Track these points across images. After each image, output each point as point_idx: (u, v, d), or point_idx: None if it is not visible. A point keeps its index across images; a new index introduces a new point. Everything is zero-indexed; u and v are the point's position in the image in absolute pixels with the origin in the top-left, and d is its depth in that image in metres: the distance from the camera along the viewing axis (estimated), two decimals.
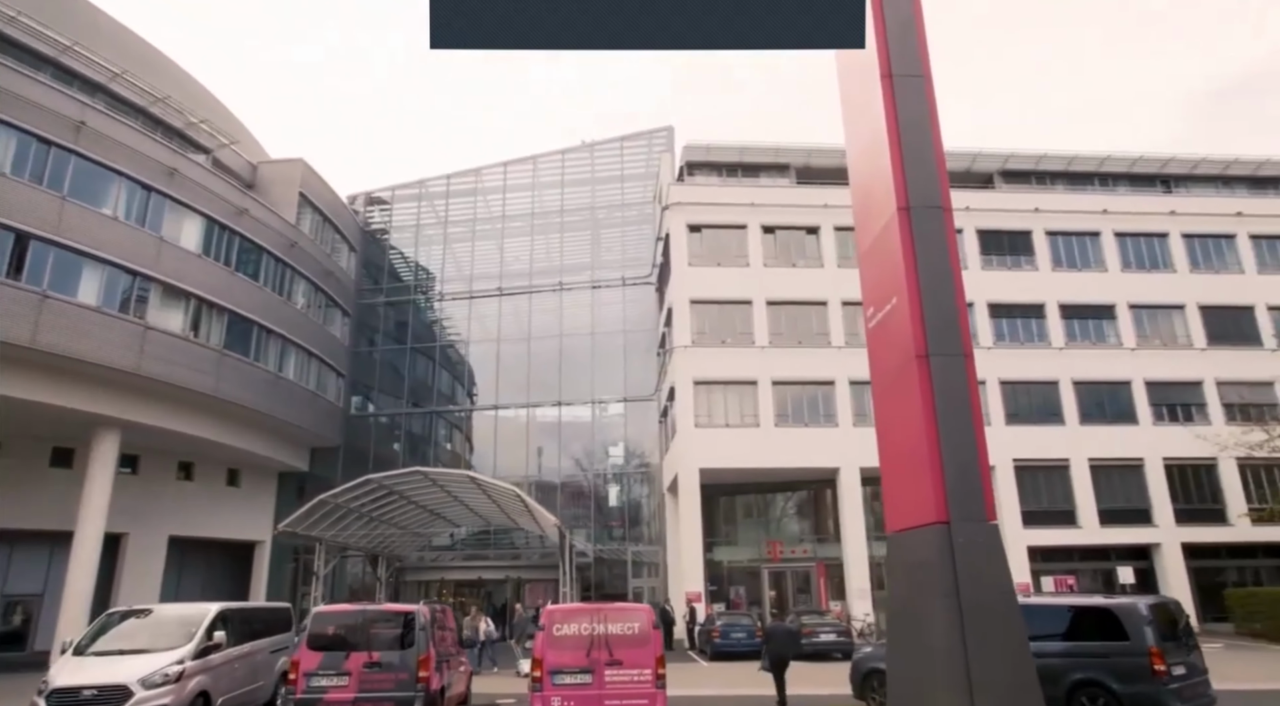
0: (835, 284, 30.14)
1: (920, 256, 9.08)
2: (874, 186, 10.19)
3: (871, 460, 27.88)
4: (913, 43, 10.01)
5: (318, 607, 11.07)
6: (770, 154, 34.09)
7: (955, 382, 8.64)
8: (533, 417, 37.77)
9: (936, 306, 8.93)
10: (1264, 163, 35.21)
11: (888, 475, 9.76)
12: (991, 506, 8.59)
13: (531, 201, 41.34)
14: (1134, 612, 9.89)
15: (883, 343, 9.88)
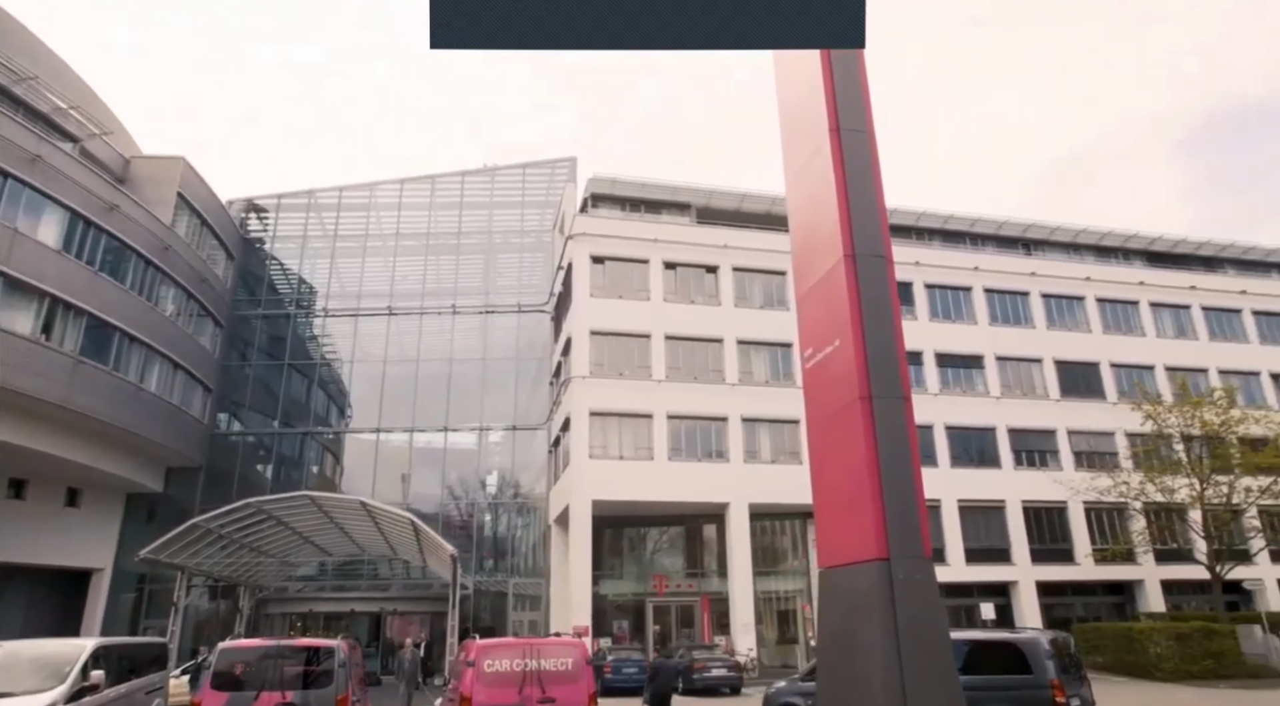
0: (731, 322, 30.98)
1: (864, 302, 9.44)
2: (818, 233, 10.55)
3: (759, 496, 28.75)
4: (858, 100, 10.52)
5: (224, 643, 10.09)
6: (672, 192, 34.83)
7: (896, 424, 8.99)
8: (416, 443, 36.48)
9: (879, 350, 9.28)
10: (1107, 234, 39.13)
11: (823, 512, 9.96)
12: (928, 544, 8.97)
13: (428, 221, 40.38)
14: (1037, 646, 10.54)
15: (821, 382, 10.15)
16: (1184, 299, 36.78)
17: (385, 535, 24.81)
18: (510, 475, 37.09)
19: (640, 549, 31.66)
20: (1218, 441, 27.25)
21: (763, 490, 28.77)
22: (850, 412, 9.21)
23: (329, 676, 9.60)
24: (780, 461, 29.64)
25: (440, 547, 19.53)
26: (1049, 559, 30.71)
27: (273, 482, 36.01)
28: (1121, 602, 32.07)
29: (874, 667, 8.15)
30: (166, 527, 31.22)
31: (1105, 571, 30.96)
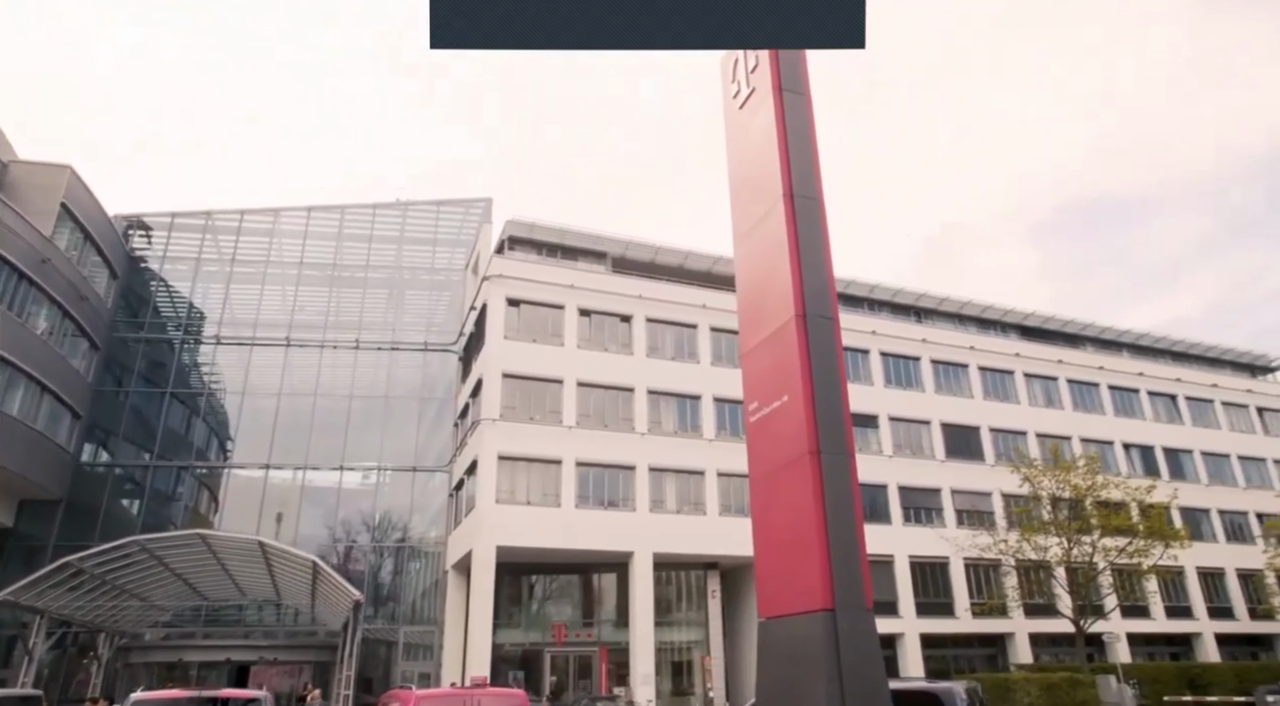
0: (643, 372, 31.40)
1: (814, 361, 9.93)
2: (767, 292, 11.03)
3: (663, 545, 29.00)
4: (809, 167, 11.20)
5: (137, 695, 9.24)
6: (591, 241, 35.29)
7: (841, 479, 9.43)
8: (308, 481, 34.82)
9: (827, 407, 9.75)
10: (988, 308, 42.19)
11: (765, 563, 10.23)
12: (869, 595, 9.39)
13: (335, 252, 39.28)
14: (954, 695, 11.10)
15: (767, 436, 10.53)
16: (1052, 371, 39.93)
17: (275, 578, 23.50)
18: (406, 518, 35.86)
19: (539, 597, 31.11)
20: (1080, 504, 29.53)
21: (667, 540, 28.99)
22: (799, 466, 9.59)
23: None
24: (685, 511, 30.00)
25: (341, 592, 18.66)
26: (932, 612, 32.14)
27: (142, 519, 33.47)
28: (994, 654, 33.81)
29: None
30: (14, 567, 28.53)
31: (981, 624, 32.65)
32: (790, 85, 11.68)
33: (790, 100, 11.53)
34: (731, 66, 13.13)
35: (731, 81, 13.08)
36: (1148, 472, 38.21)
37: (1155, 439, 40.51)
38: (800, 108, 11.60)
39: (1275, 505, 40.06)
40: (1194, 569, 36.59)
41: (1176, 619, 36.03)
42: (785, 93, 11.55)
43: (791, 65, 12.00)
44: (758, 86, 12.12)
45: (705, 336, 33.33)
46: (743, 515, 30.77)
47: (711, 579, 31.24)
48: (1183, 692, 28.86)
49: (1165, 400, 42.48)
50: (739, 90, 12.75)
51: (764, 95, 11.79)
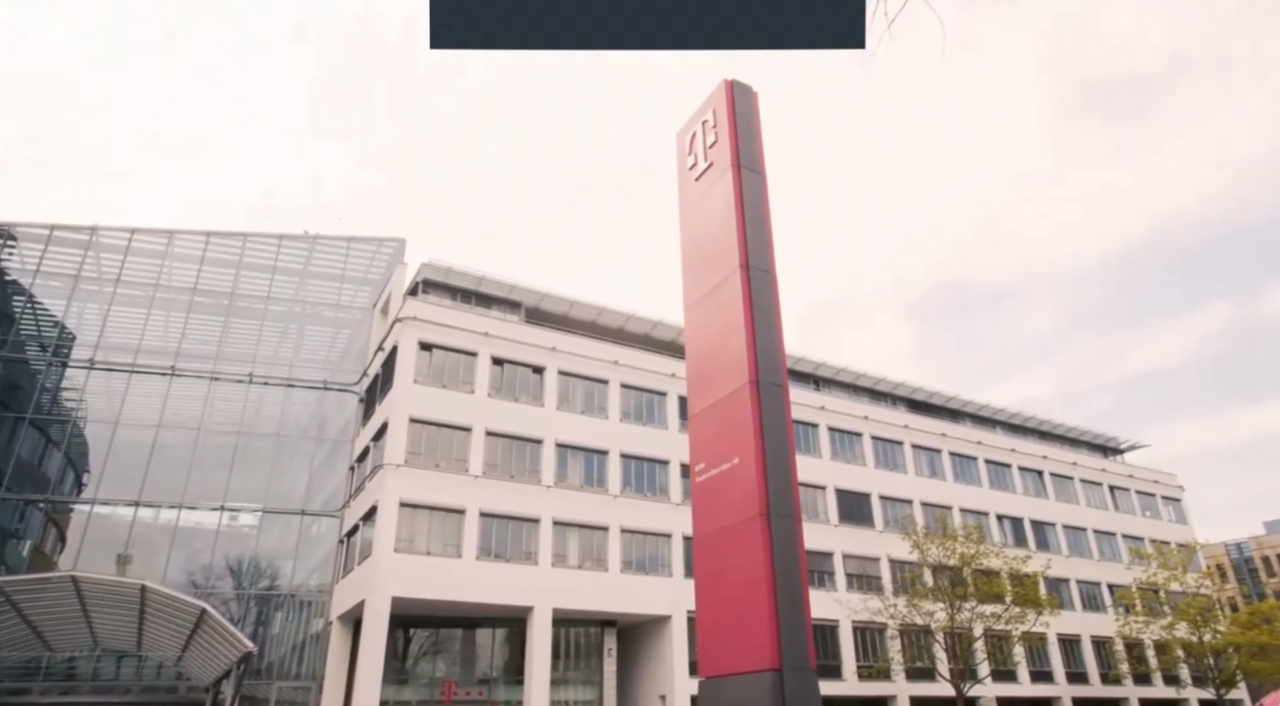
0: (552, 425, 31.31)
1: (765, 426, 10.39)
2: (720, 358, 11.50)
3: (564, 601, 28.70)
4: (764, 241, 11.86)
5: None
6: (506, 289, 35.25)
7: (789, 541, 9.84)
8: (185, 521, 32.50)
9: (777, 471, 10.20)
10: (880, 380, 44.50)
11: (708, 622, 10.44)
12: (813, 655, 9.73)
13: (233, 281, 37.55)
14: None
15: (714, 497, 10.86)
16: (937, 444, 42.34)
17: (144, 627, 21.69)
18: (289, 564, 33.90)
19: (428, 652, 29.89)
20: (960, 572, 31.19)
21: (568, 596, 28.63)
22: (749, 528, 9.93)
23: None
24: (587, 567, 29.77)
25: (227, 643, 17.47)
26: (821, 674, 32.73)
27: None
28: None
29: None
30: None
31: (866, 687, 33.56)
32: (748, 163, 12.39)
33: (748, 177, 12.22)
34: (688, 140, 13.79)
35: (688, 154, 13.69)
36: (1017, 543, 40.75)
37: (1024, 511, 43.39)
38: (756, 184, 12.31)
39: (1124, 577, 43.39)
40: (1055, 636, 38.98)
41: (1040, 683, 38.17)
42: (743, 170, 12.24)
43: (749, 143, 12.74)
44: (715, 161, 12.77)
45: (615, 392, 33.63)
46: (644, 573, 30.87)
47: (608, 637, 30.93)
48: None
49: (1033, 475, 45.68)
50: (695, 163, 13.37)
51: (722, 170, 12.44)
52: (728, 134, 12.40)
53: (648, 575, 30.76)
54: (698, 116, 13.37)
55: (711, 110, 12.95)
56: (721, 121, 12.58)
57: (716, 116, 12.76)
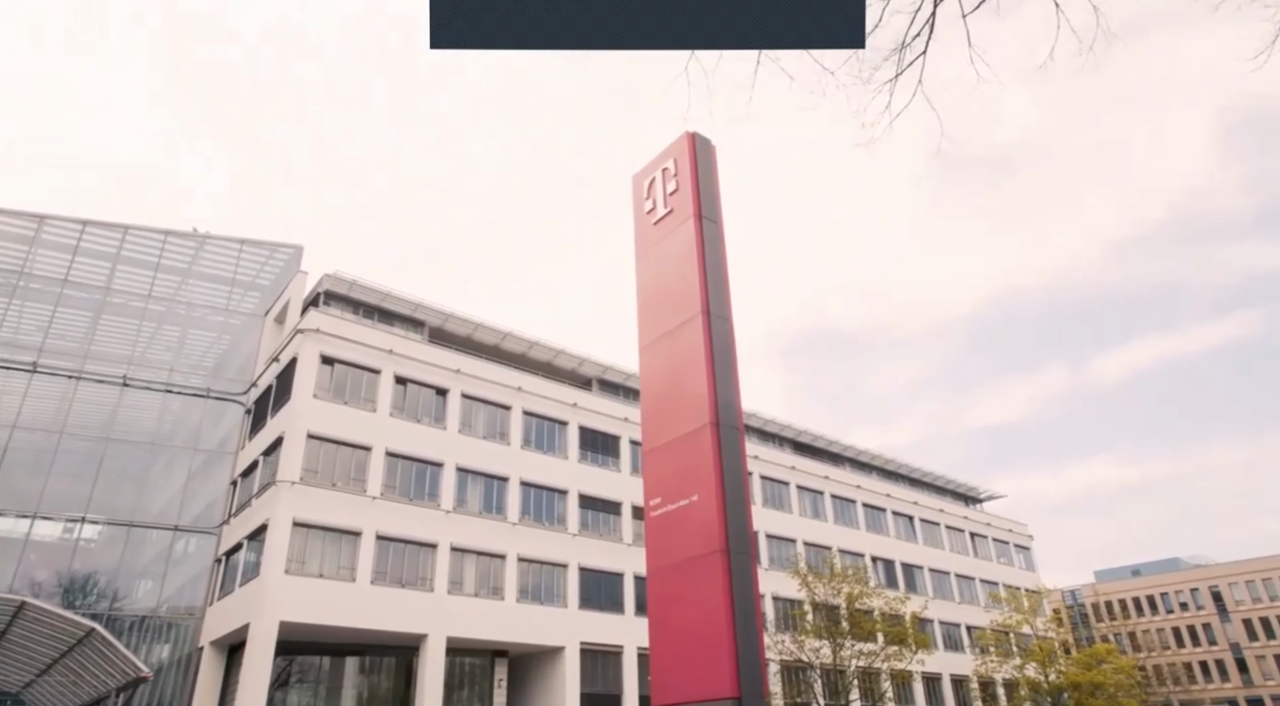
0: (454, 449, 30.81)
1: (725, 466, 10.94)
2: (678, 399, 11.99)
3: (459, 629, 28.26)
4: (723, 290, 12.50)
5: None
6: (410, 307, 34.59)
7: (745, 576, 10.37)
8: (35, 532, 29.75)
9: (735, 510, 10.74)
10: (770, 421, 46.20)
11: (663, 651, 10.79)
12: (767, 686, 10.24)
13: (109, 275, 35.04)
14: None
15: (670, 532, 11.27)
16: (819, 485, 44.29)
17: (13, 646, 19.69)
18: (151, 583, 31.51)
19: (312, 682, 28.43)
20: (841, 610, 32.67)
21: (462, 624, 28.05)
22: (708, 563, 10.40)
23: None
24: (483, 595, 29.30)
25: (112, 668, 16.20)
26: None
27: None
28: None
29: None
30: None
31: None
32: (708, 213, 13.07)
33: (708, 227, 12.87)
34: (646, 185, 14.34)
35: (646, 198, 14.24)
36: (889, 584, 43.00)
37: (896, 554, 45.90)
38: (715, 235, 12.98)
39: (981, 618, 46.53)
40: (920, 674, 41.25)
41: None
42: (705, 220, 12.89)
43: (709, 194, 13.44)
44: (676, 209, 13.36)
45: (518, 418, 33.47)
46: (540, 602, 30.67)
47: (499, 667, 30.41)
48: None
49: (905, 520, 48.46)
50: (654, 208, 13.92)
51: (682, 219, 13.03)
52: (690, 184, 13.01)
53: (544, 605, 30.56)
54: (657, 163, 13.94)
55: (672, 159, 13.56)
56: (683, 171, 13.20)
57: (678, 166, 13.37)
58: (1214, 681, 69.81)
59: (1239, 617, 71.36)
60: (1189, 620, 73.89)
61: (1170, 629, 74.63)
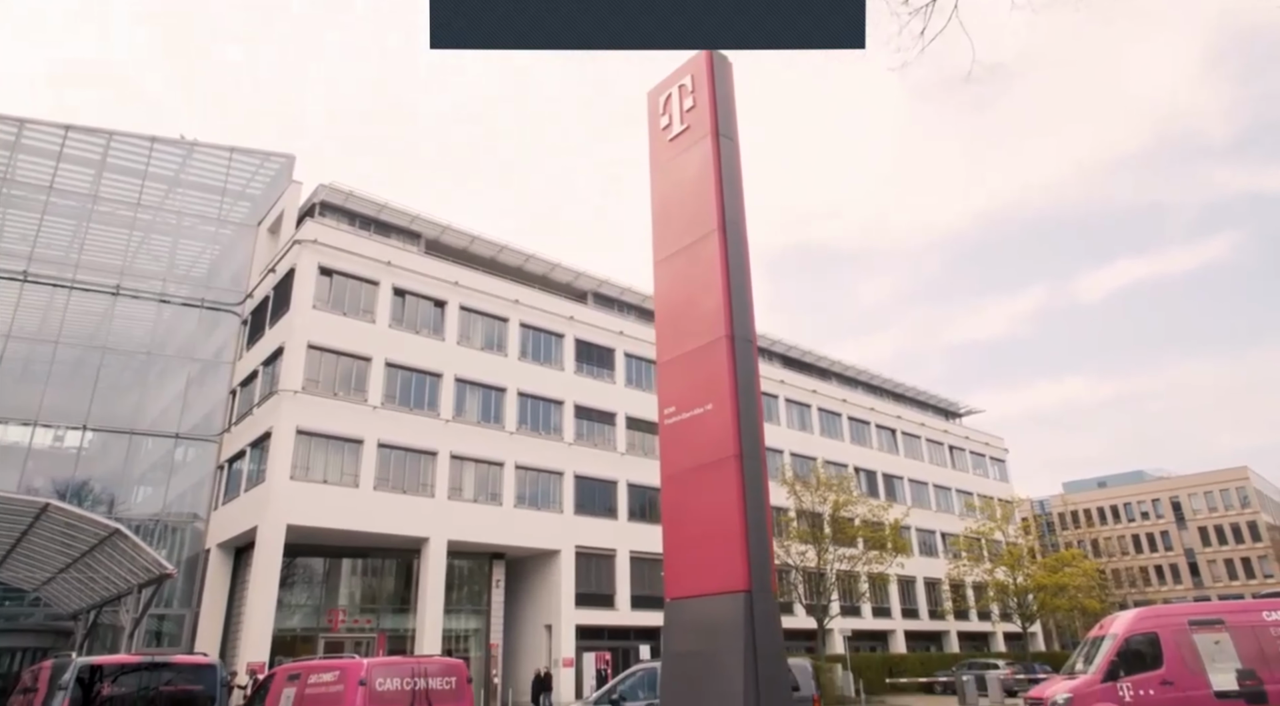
0: (453, 360, 31.23)
1: (739, 377, 11.42)
2: (693, 311, 12.35)
3: (458, 533, 29.27)
4: (738, 206, 12.72)
5: (84, 659, 8.07)
6: (407, 219, 34.35)
7: (757, 479, 10.99)
8: (38, 440, 30.19)
9: (748, 418, 11.28)
10: (761, 335, 46.75)
11: (676, 549, 11.48)
12: (775, 580, 11.01)
13: (94, 182, 34.40)
14: (806, 671, 13.08)
15: (684, 439, 11.82)
16: (807, 399, 45.37)
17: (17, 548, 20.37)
18: (156, 491, 32.24)
19: (317, 581, 29.61)
20: (826, 517, 34.06)
21: (462, 528, 29.10)
22: (723, 468, 10.99)
23: (210, 697, 8.44)
24: (481, 501, 30.29)
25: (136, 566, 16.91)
26: None
27: None
28: None
29: (732, 680, 9.82)
30: None
31: None
32: (725, 131, 13.15)
33: (725, 144, 12.98)
34: (662, 101, 14.33)
35: (661, 114, 14.25)
36: (871, 493, 44.64)
37: (879, 465, 47.52)
38: (732, 151, 13.11)
39: (956, 526, 48.65)
40: (895, 577, 43.37)
41: (880, 618, 42.57)
42: (721, 137, 12.98)
43: (726, 112, 13.49)
44: (693, 125, 13.41)
45: (515, 330, 33.82)
46: (536, 508, 31.75)
47: (497, 568, 31.75)
48: (884, 677, 34.38)
49: (887, 433, 49.93)
50: (670, 124, 13.95)
51: (699, 136, 13.11)
52: (707, 101, 13.00)
53: (540, 510, 31.68)
54: (673, 79, 13.86)
55: (690, 76, 13.48)
56: (701, 88, 13.16)
57: (695, 82, 13.31)
58: (1168, 583, 73.86)
59: (1195, 526, 74.98)
60: (1149, 528, 77.56)
61: (1131, 536, 78.38)
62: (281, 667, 10.78)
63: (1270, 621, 13.17)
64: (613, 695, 13.89)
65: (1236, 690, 12.81)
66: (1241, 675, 12.89)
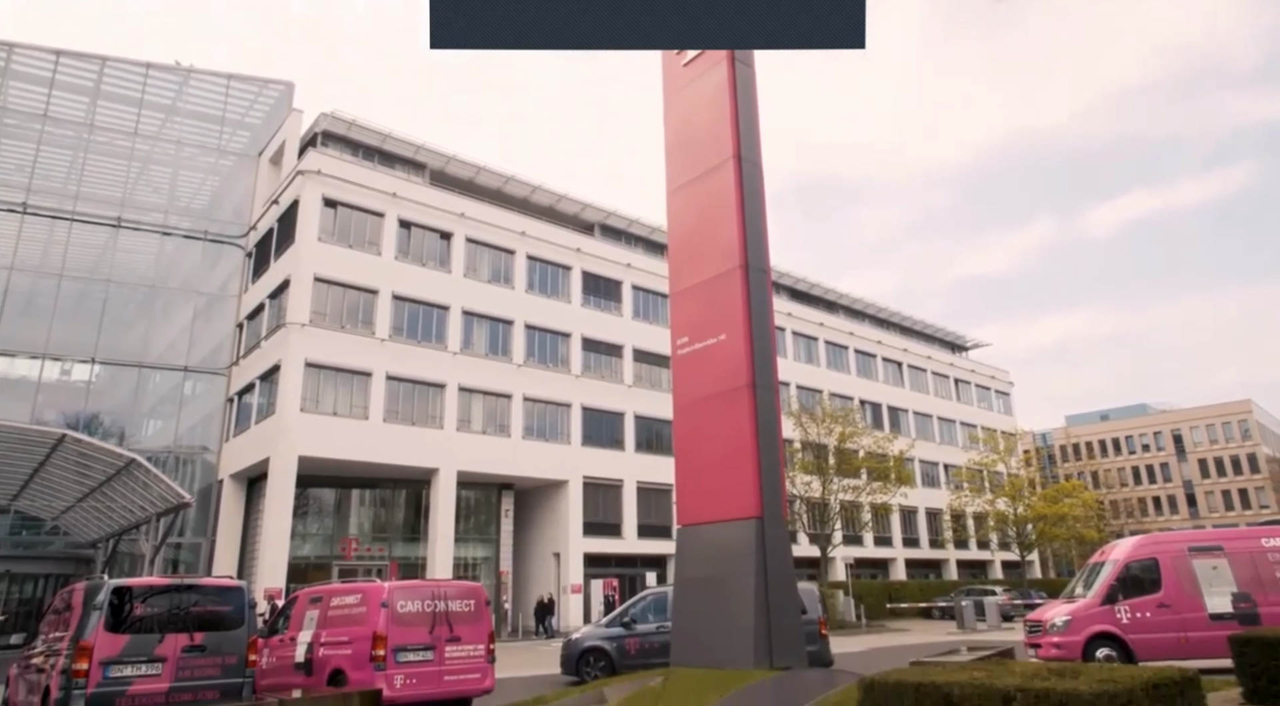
0: (460, 293, 31.11)
1: (753, 307, 11.36)
2: (707, 241, 12.22)
3: (467, 464, 29.49)
4: (754, 134, 12.45)
5: (116, 581, 8.31)
6: (411, 149, 33.78)
7: (769, 409, 11.05)
8: (46, 374, 30.37)
9: (761, 348, 11.28)
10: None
11: (689, 477, 11.62)
12: (785, 507, 11.16)
13: (90, 110, 33.71)
14: (813, 594, 13.38)
15: (697, 369, 11.84)
16: (813, 332, 45.33)
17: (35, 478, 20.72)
18: (165, 423, 32.59)
19: (329, 511, 30.18)
20: (831, 449, 34.39)
21: (471, 459, 29.46)
22: (736, 397, 11.03)
23: (240, 618, 8.68)
24: (490, 433, 30.61)
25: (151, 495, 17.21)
26: None
27: None
28: None
29: (744, 602, 10.04)
30: None
31: None
32: (741, 57, 12.78)
33: (741, 70, 12.62)
34: None
35: None
36: (875, 426, 45.02)
37: (884, 398, 47.78)
38: (748, 77, 12.76)
39: (959, 458, 49.20)
40: (898, 506, 44.09)
41: (881, 546, 43.45)
42: (737, 63, 12.62)
43: None
44: (706, 51, 13.02)
45: (522, 263, 33.60)
46: (544, 440, 32.09)
47: (506, 498, 32.30)
48: (884, 603, 35.30)
49: (894, 366, 50.05)
50: (684, 50, 13.55)
51: (714, 62, 12.73)
52: None
53: (548, 442, 32.03)
54: None
55: None
56: None
57: None
58: (1164, 514, 75.04)
59: (1195, 458, 75.77)
60: (1149, 460, 78.40)
61: (1130, 468, 79.29)
62: (304, 590, 11.05)
63: (1269, 548, 13.39)
64: (624, 618, 14.25)
65: (1231, 612, 13.10)
66: (1237, 598, 13.17)
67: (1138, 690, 4.72)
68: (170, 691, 8.20)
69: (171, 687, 8.22)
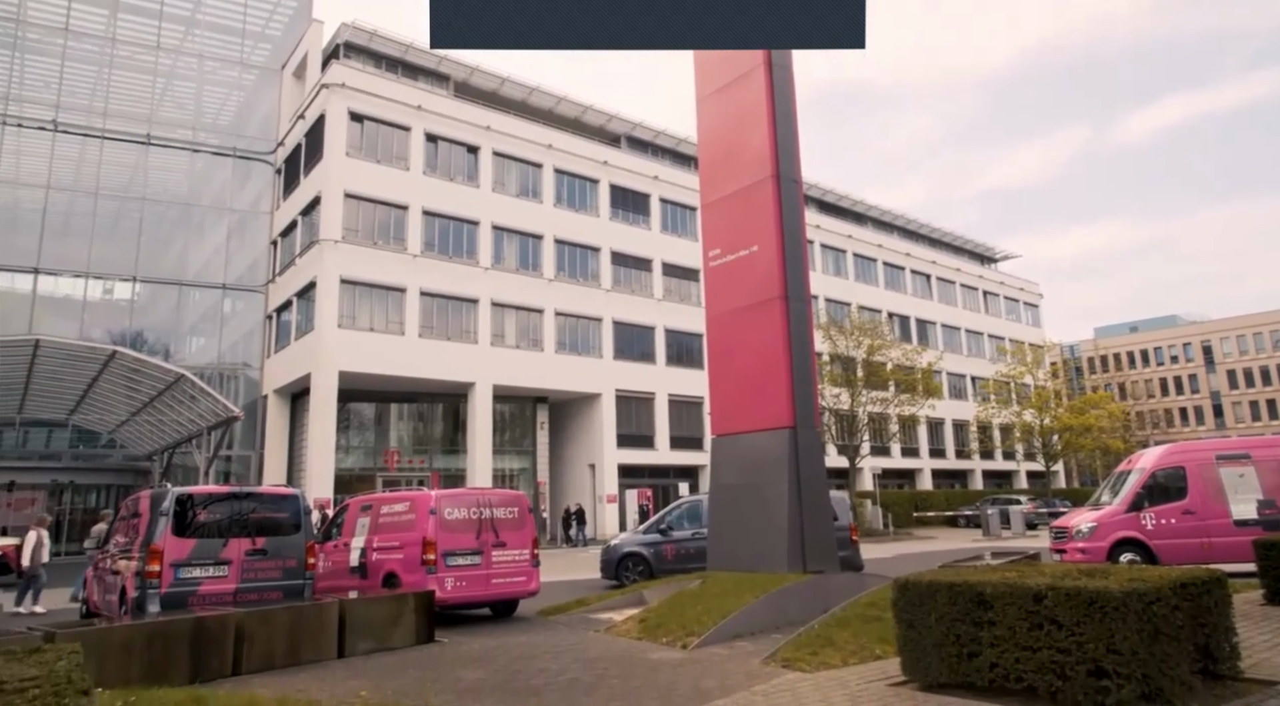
0: (488, 206, 31.06)
1: (785, 217, 11.34)
2: (739, 151, 12.08)
3: (503, 378, 29.99)
4: None
5: (180, 489, 8.92)
6: (434, 60, 33.15)
7: (801, 320, 11.16)
8: (91, 292, 31.11)
9: (793, 259, 11.29)
10: None
11: (723, 388, 11.85)
12: (819, 417, 11.40)
13: (110, 22, 33.27)
14: (844, 503, 13.81)
15: (730, 280, 11.91)
16: (842, 245, 44.78)
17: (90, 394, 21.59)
18: (208, 341, 33.43)
19: (371, 425, 31.14)
20: (860, 362, 34.47)
21: (505, 372, 30.03)
22: (769, 308, 11.14)
23: (297, 524, 9.27)
24: (523, 347, 31.07)
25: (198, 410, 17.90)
26: None
27: None
28: None
29: (778, 508, 10.40)
30: None
31: None
32: None
33: None
34: None
35: None
36: (903, 338, 44.89)
37: (912, 310, 47.47)
38: None
39: (987, 370, 49.11)
40: (925, 418, 44.38)
41: (908, 457, 44.03)
42: None
43: None
44: None
45: (549, 176, 33.32)
46: (576, 353, 32.55)
47: (541, 411, 33.05)
48: (911, 512, 36.05)
49: (922, 279, 49.49)
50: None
51: None
52: None
53: (580, 356, 32.48)
54: None
55: None
56: None
57: None
58: (1190, 425, 74.79)
59: (1224, 369, 74.88)
60: (1177, 371, 77.63)
61: (1158, 379, 78.62)
62: (354, 499, 11.62)
63: None
64: (660, 525, 14.82)
65: (1256, 518, 13.30)
66: (1262, 504, 13.36)
67: (1166, 588, 4.93)
68: (237, 592, 8.85)
69: (239, 588, 8.87)
